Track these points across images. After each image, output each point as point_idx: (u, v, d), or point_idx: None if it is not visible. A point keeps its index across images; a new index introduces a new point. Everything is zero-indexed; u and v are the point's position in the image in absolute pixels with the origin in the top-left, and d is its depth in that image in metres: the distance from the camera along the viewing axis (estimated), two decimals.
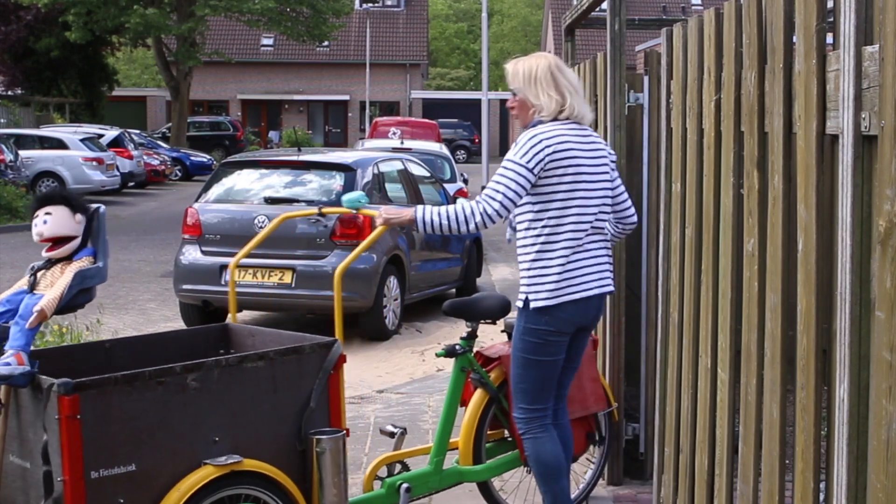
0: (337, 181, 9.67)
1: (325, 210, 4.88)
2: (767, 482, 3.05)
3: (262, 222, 9.37)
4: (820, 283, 2.66)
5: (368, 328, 9.73)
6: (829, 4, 2.78)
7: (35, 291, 3.85)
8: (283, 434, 3.94)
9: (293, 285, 9.28)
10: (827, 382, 2.66)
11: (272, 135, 50.55)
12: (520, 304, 4.18)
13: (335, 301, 4.31)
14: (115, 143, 27.67)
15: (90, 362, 4.01)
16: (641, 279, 5.16)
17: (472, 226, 4.08)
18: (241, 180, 10.05)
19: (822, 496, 2.73)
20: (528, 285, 4.15)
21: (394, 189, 10.45)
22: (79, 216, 3.94)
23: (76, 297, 3.84)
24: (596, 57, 5.49)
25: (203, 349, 4.33)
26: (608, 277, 4.25)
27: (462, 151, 46.24)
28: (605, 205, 4.23)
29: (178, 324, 9.94)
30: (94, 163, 24.47)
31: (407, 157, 11.74)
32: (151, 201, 26.17)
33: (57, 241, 3.89)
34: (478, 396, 4.72)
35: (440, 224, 4.10)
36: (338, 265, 9.12)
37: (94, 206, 4.07)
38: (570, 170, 4.11)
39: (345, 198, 4.55)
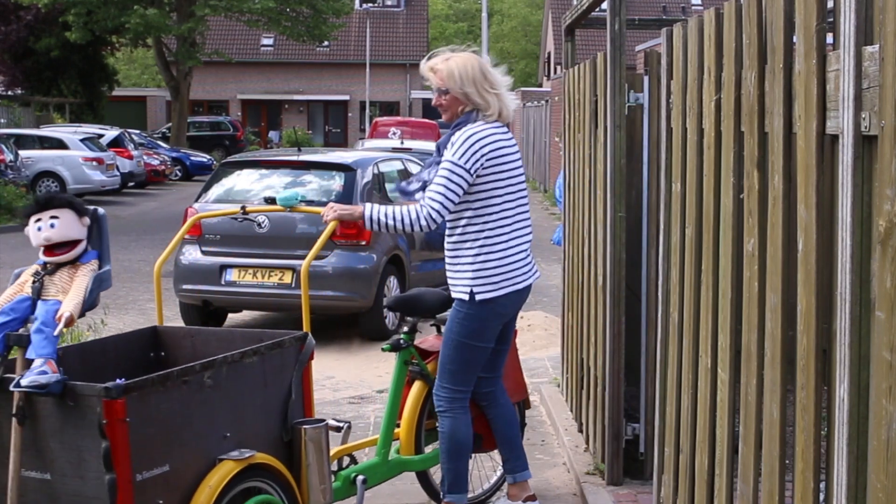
0: (337, 181, 9.68)
1: (249, 209, 4.82)
2: (767, 482, 3.05)
3: (263, 222, 9.37)
4: (820, 283, 2.66)
5: (368, 328, 9.73)
6: (829, 4, 2.78)
7: (45, 298, 3.74)
8: (272, 426, 4.05)
9: (293, 285, 9.28)
10: (827, 382, 2.66)
11: (272, 135, 50.55)
12: (463, 296, 4.43)
13: (303, 295, 4.38)
14: (115, 143, 27.69)
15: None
16: (641, 279, 5.16)
17: (416, 227, 4.33)
18: (241, 180, 10.05)
19: (822, 496, 2.73)
20: (473, 278, 4.42)
21: (394, 189, 10.45)
22: (85, 219, 3.91)
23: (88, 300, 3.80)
24: (596, 57, 5.49)
25: (136, 354, 4.30)
26: (535, 266, 4.67)
27: None
28: (526, 197, 4.59)
29: (179, 324, 9.94)
30: (94, 163, 24.48)
31: (407, 157, 11.74)
32: (151, 201, 26.18)
33: (59, 246, 3.82)
34: (417, 388, 4.94)
35: (387, 224, 4.35)
36: (338, 265, 9.23)
37: (93, 208, 4.04)
38: (504, 167, 4.43)
39: (279, 196, 4.65)
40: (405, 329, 4.90)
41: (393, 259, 9.86)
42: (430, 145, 18.07)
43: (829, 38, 2.66)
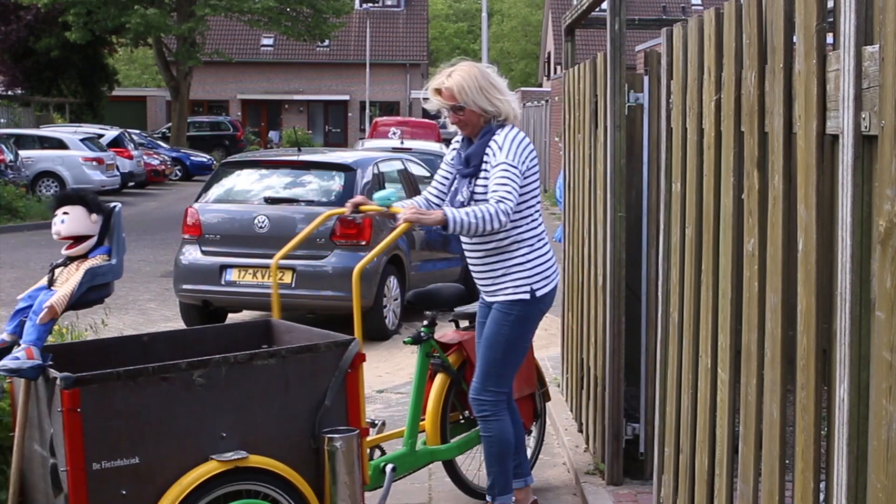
0: (337, 181, 9.68)
1: (362, 207, 4.83)
2: (767, 482, 3.05)
3: (262, 222, 9.37)
4: (820, 283, 2.66)
5: (368, 328, 9.72)
6: (830, 4, 2.78)
7: (52, 288, 3.96)
8: (295, 432, 3.95)
9: (293, 285, 9.28)
10: (827, 382, 2.66)
11: (272, 135, 50.54)
12: (523, 296, 4.51)
13: (354, 299, 4.30)
14: (115, 143, 27.69)
15: (126, 356, 4.10)
16: (641, 279, 5.16)
17: (495, 224, 4.34)
18: (241, 180, 10.05)
19: (822, 496, 2.73)
20: (530, 276, 4.53)
21: (394, 189, 10.45)
22: (94, 216, 4.01)
23: (88, 294, 3.92)
24: (596, 57, 5.49)
25: (244, 345, 4.34)
26: None
27: None
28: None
29: (179, 324, 9.94)
30: (94, 163, 24.48)
31: (407, 157, 11.74)
32: (151, 201, 26.18)
33: (76, 240, 4.00)
34: (440, 380, 5.03)
35: (469, 224, 4.32)
36: (338, 265, 9.23)
37: (112, 204, 4.14)
38: (536, 168, 4.56)
39: (376, 195, 4.72)
40: (425, 322, 4.99)
41: (393, 259, 9.86)
42: (430, 145, 18.07)
43: (829, 38, 2.65)
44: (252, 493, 3.83)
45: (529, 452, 5.37)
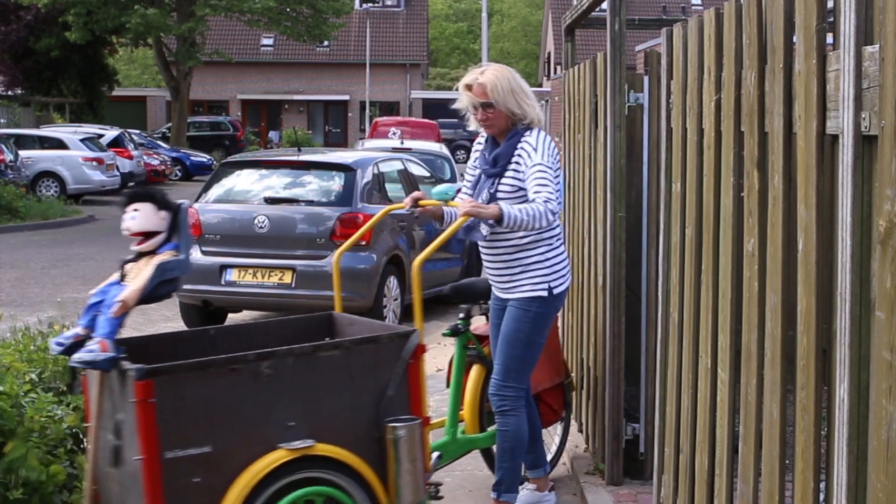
0: (337, 181, 9.68)
1: (421, 202, 4.83)
2: (767, 482, 3.05)
3: (262, 222, 9.37)
4: (820, 283, 2.66)
5: None
6: (829, 4, 2.78)
7: (123, 283, 4.05)
8: (360, 421, 4.06)
9: (293, 285, 9.28)
10: (827, 382, 2.66)
11: (272, 135, 50.55)
12: (541, 293, 4.61)
13: (413, 291, 4.36)
14: (115, 143, 27.67)
15: (195, 349, 4.23)
16: (641, 279, 5.16)
17: (543, 223, 4.44)
18: (241, 180, 10.05)
19: (822, 496, 2.73)
20: (548, 274, 4.64)
21: (394, 189, 10.45)
22: (163, 213, 4.11)
23: (158, 288, 4.01)
24: (596, 57, 5.49)
25: (307, 338, 4.45)
26: None
27: (462, 151, 46.20)
28: None
29: (179, 324, 9.94)
30: (94, 163, 24.47)
31: (407, 157, 11.74)
32: None
33: (146, 236, 4.09)
34: (476, 371, 5.18)
35: (522, 220, 4.42)
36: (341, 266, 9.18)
37: (179, 202, 4.23)
38: (560, 171, 4.80)
39: (435, 190, 4.77)
40: (461, 315, 5.13)
41: (393, 259, 9.86)
42: (430, 145, 18.04)
43: (829, 38, 2.65)
44: (319, 480, 3.94)
45: (558, 440, 5.64)
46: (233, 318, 10.55)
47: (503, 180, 4.64)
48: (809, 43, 2.68)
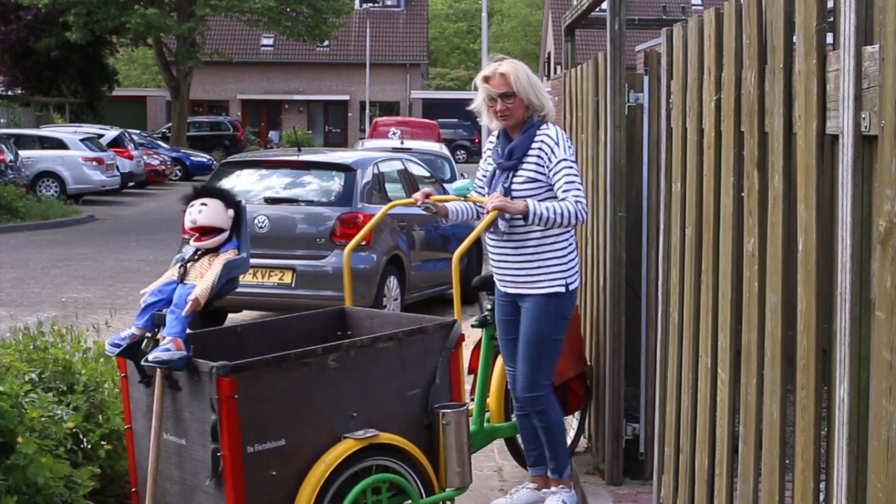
0: (337, 181, 9.67)
1: (434, 198, 4.84)
2: (767, 482, 3.05)
3: (262, 222, 9.37)
4: (820, 283, 2.66)
5: None
6: (829, 4, 2.78)
7: (186, 282, 4.05)
8: (411, 409, 4.23)
9: (293, 285, 9.28)
10: (827, 382, 2.66)
11: (272, 135, 50.54)
12: (559, 289, 4.63)
13: (454, 282, 4.46)
14: (115, 143, 27.67)
15: (225, 345, 4.32)
16: (641, 279, 5.16)
17: (573, 221, 4.52)
18: (241, 180, 10.05)
19: (822, 496, 2.73)
20: (565, 271, 4.67)
21: (394, 189, 10.44)
22: (230, 211, 4.13)
23: (224, 286, 4.05)
24: (596, 57, 5.49)
25: (323, 331, 4.66)
26: None
27: (462, 151, 46.21)
28: None
29: None
30: (94, 163, 24.47)
31: (407, 157, 11.74)
32: (151, 201, 26.18)
33: (206, 232, 4.09)
34: (502, 361, 5.18)
35: (548, 218, 4.49)
36: (338, 265, 9.22)
37: (239, 200, 4.26)
38: None
39: (454, 186, 4.83)
40: (488, 306, 5.20)
41: (393, 259, 9.86)
42: (430, 145, 18.04)
43: (829, 38, 2.65)
44: (382, 468, 4.08)
45: (576, 423, 5.79)
46: (232, 318, 10.55)
47: (518, 173, 4.65)
48: (809, 43, 2.68)
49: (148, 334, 4.01)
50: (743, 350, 3.27)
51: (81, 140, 25.06)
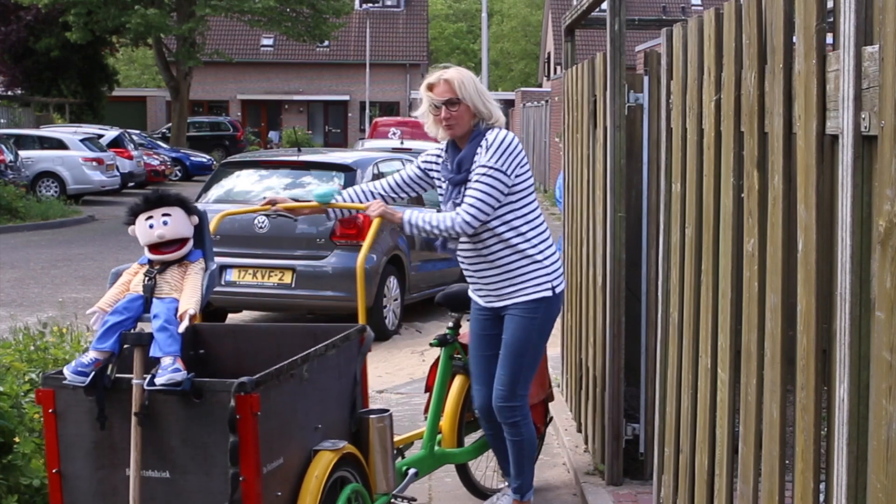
0: (337, 181, 9.68)
1: (282, 206, 4.60)
2: (767, 482, 3.05)
3: (262, 223, 9.37)
4: (820, 283, 2.66)
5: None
6: (829, 4, 2.78)
7: (159, 296, 3.70)
8: (344, 417, 4.09)
9: (293, 285, 9.28)
10: (827, 382, 2.66)
11: (272, 135, 50.54)
12: (545, 293, 4.47)
13: (358, 289, 4.35)
14: (115, 143, 27.68)
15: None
16: (641, 279, 5.16)
17: (453, 233, 4.35)
18: (241, 181, 10.06)
19: (822, 496, 2.73)
20: (549, 273, 4.50)
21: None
22: (194, 217, 3.88)
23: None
24: (594, 57, 5.49)
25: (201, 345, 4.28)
26: None
27: None
28: None
29: None
30: (94, 163, 24.48)
31: (407, 157, 11.74)
32: None
33: (168, 244, 3.78)
34: (459, 382, 5.02)
35: (424, 228, 4.36)
36: (338, 265, 9.24)
37: (198, 206, 4.03)
38: (526, 169, 4.49)
39: (315, 192, 4.56)
40: (450, 324, 4.99)
41: (393, 259, 9.86)
42: (430, 145, 18.03)
43: (829, 38, 2.66)
44: (344, 479, 3.95)
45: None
46: (232, 318, 10.55)
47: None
48: (809, 43, 2.68)
49: (159, 354, 3.56)
50: (743, 350, 3.27)
51: (81, 140, 25.06)
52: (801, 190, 2.76)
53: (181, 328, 3.60)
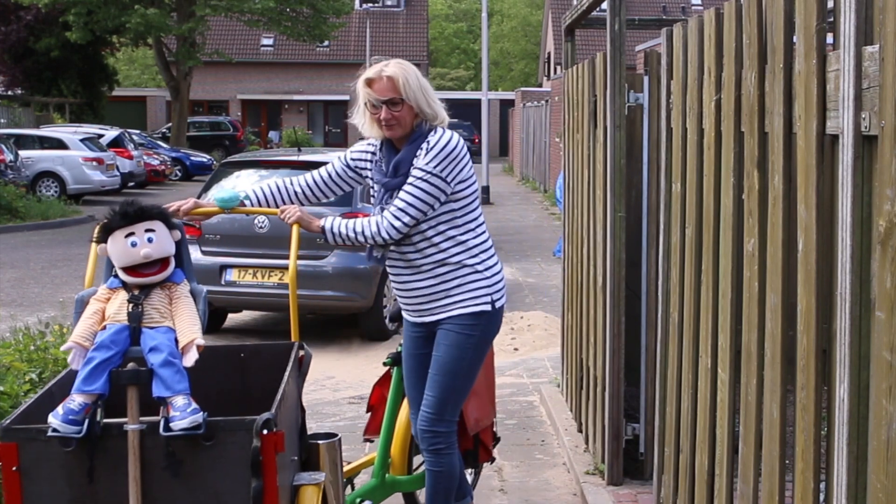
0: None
1: (196, 211, 4.17)
2: (767, 482, 3.05)
3: (262, 223, 9.37)
4: (820, 283, 2.66)
5: (368, 328, 9.73)
6: (830, 4, 2.78)
7: (148, 325, 3.24)
8: (295, 444, 3.63)
9: None
10: (827, 382, 2.66)
11: (272, 135, 50.54)
12: (484, 307, 4.03)
13: (291, 301, 3.84)
14: (115, 143, 27.68)
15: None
16: (641, 279, 5.16)
17: (378, 240, 3.96)
18: (241, 181, 10.05)
19: (822, 496, 2.73)
20: (489, 286, 4.05)
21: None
22: (176, 233, 3.46)
23: None
24: (595, 57, 5.49)
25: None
26: None
27: None
28: None
29: None
30: (94, 163, 24.47)
31: None
32: (151, 201, 26.11)
33: (150, 264, 3.33)
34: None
35: (346, 235, 3.96)
36: (338, 265, 9.23)
37: (177, 220, 3.62)
38: (469, 175, 4.07)
39: (217, 196, 4.13)
40: (401, 342, 4.52)
41: None
42: None
43: (829, 38, 2.66)
44: None
45: (471, 479, 4.91)
46: (233, 318, 10.55)
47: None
48: (809, 43, 2.68)
49: (168, 395, 3.11)
50: (743, 350, 3.27)
51: (81, 140, 25.06)
52: (802, 190, 2.76)
53: (187, 362, 3.17)
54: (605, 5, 5.28)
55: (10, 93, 36.97)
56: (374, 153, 4.22)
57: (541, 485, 5.53)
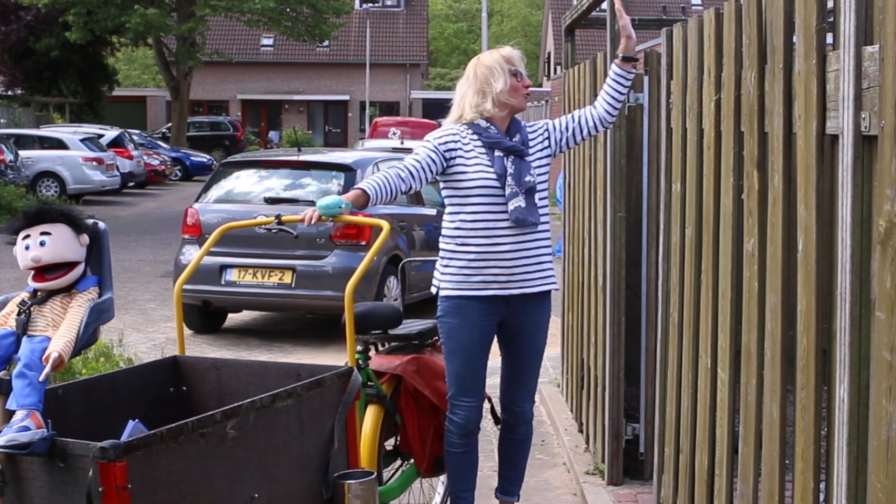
0: (337, 181, 9.68)
1: (284, 218, 4.28)
2: (767, 482, 3.05)
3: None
4: (820, 283, 2.66)
5: None
6: (829, 4, 2.78)
7: (31, 333, 3.08)
8: (310, 481, 3.35)
9: (293, 285, 9.28)
10: (827, 382, 2.66)
11: (272, 135, 50.55)
12: (557, 285, 4.32)
13: (347, 319, 3.68)
14: (115, 143, 27.68)
15: (46, 412, 3.04)
16: (641, 279, 5.16)
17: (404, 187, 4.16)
18: (241, 181, 10.06)
19: (822, 496, 2.73)
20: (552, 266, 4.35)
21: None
22: (84, 237, 3.25)
23: (89, 337, 3.19)
24: (596, 57, 5.49)
25: (154, 390, 3.63)
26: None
27: None
28: None
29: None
30: (94, 163, 24.47)
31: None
32: (151, 201, 26.17)
33: (51, 269, 3.17)
34: (374, 413, 4.37)
35: (387, 188, 4.12)
36: (338, 265, 9.23)
37: (93, 222, 3.40)
38: None
39: (320, 204, 4.06)
40: (359, 348, 4.38)
41: (393, 259, 9.86)
42: None
43: (829, 38, 2.66)
44: None
45: (439, 498, 4.86)
46: (233, 318, 10.55)
47: (538, 161, 4.27)
48: (809, 43, 2.68)
49: (13, 406, 2.91)
50: (743, 350, 3.27)
51: (81, 140, 25.06)
52: (801, 190, 2.76)
53: (43, 375, 2.92)
54: (604, 5, 5.28)
55: (10, 93, 36.96)
56: (459, 139, 4.27)
57: (541, 485, 5.53)
